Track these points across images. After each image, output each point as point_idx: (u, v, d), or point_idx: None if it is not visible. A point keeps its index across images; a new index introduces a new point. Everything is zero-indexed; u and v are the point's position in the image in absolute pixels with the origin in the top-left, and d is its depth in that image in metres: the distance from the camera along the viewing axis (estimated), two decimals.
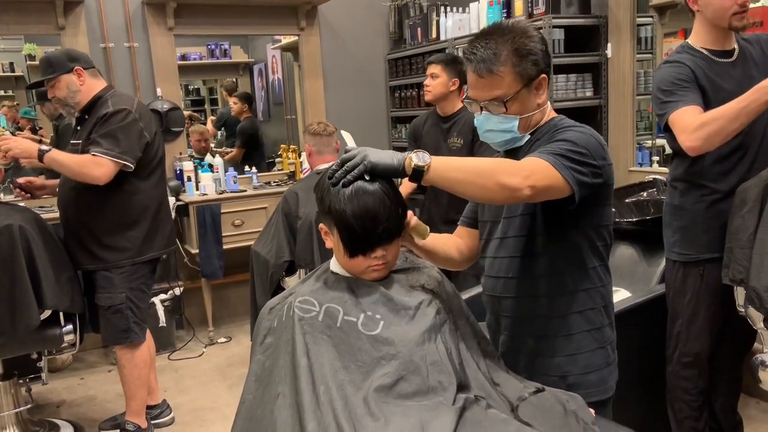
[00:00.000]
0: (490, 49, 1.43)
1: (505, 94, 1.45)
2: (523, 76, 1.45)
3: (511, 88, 1.45)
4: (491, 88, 1.46)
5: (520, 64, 1.43)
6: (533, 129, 1.53)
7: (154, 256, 2.83)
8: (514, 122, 1.48)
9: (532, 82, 1.46)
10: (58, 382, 3.65)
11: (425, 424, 1.14)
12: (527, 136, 1.52)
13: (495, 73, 1.43)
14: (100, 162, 2.57)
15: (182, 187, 4.16)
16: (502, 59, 1.43)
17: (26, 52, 4.78)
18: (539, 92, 1.49)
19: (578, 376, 1.52)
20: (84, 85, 2.69)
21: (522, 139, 1.52)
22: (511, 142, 1.53)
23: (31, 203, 3.21)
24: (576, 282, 1.51)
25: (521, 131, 1.50)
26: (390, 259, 1.35)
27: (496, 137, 1.53)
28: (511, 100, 1.46)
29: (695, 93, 2.02)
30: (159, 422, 3.08)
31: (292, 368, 1.23)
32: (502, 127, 1.49)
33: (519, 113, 1.48)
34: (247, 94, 5.78)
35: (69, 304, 2.62)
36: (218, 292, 4.35)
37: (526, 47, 1.44)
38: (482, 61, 1.43)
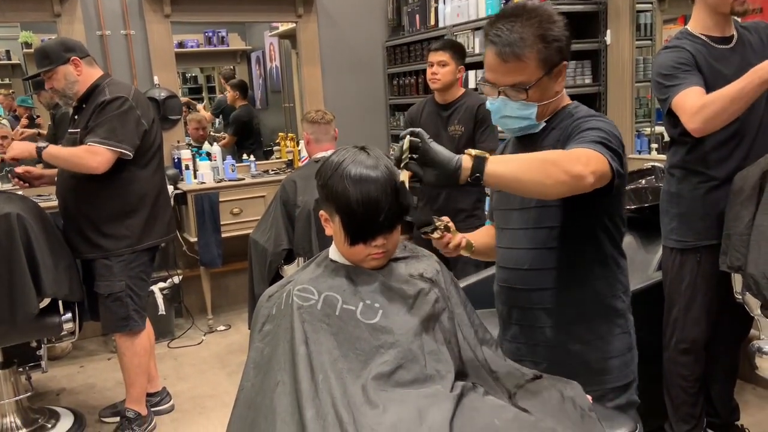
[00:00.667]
0: (516, 33, 1.39)
1: (527, 80, 1.42)
2: (546, 62, 1.41)
3: (534, 74, 1.41)
4: (513, 73, 1.42)
5: (546, 50, 1.40)
6: (549, 116, 1.50)
7: (153, 243, 2.83)
8: (532, 109, 1.45)
9: (554, 69, 1.43)
10: (57, 370, 3.67)
11: (423, 411, 1.15)
12: (543, 123, 1.50)
13: (520, 58, 1.39)
14: (96, 151, 2.56)
15: (180, 176, 4.16)
16: (528, 44, 1.39)
17: (22, 39, 4.74)
18: (559, 80, 1.47)
19: (601, 363, 1.53)
20: (81, 75, 2.68)
21: (537, 127, 1.50)
22: (526, 129, 1.51)
23: (29, 192, 3.21)
24: (595, 271, 1.50)
25: (538, 119, 1.48)
26: (390, 248, 1.35)
27: (512, 123, 1.50)
28: (533, 87, 1.42)
29: (697, 75, 2.02)
30: (159, 409, 3.10)
31: (291, 356, 1.24)
32: (520, 113, 1.46)
33: (538, 100, 1.45)
34: (242, 82, 5.75)
35: (68, 292, 2.62)
36: (217, 280, 4.36)
37: (552, 33, 1.40)
38: (508, 45, 1.39)
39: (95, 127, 2.60)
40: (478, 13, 3.99)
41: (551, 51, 1.41)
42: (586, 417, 1.28)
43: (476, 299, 1.67)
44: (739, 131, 2.08)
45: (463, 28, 4.07)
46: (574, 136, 1.40)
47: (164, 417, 3.08)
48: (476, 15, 4.00)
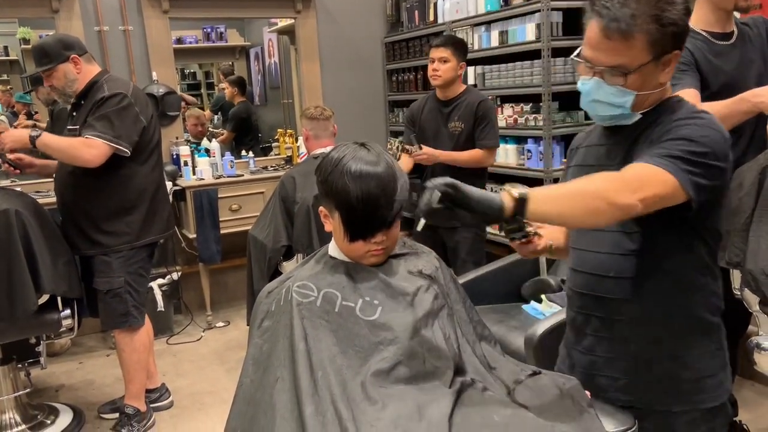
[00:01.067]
0: (628, 8, 1.23)
1: (629, 63, 1.26)
2: (656, 48, 1.25)
3: (639, 58, 1.25)
4: (616, 54, 1.26)
5: (658, 33, 1.23)
6: (646, 109, 1.34)
7: (152, 240, 2.83)
8: (628, 97, 1.29)
9: (664, 56, 1.27)
10: (56, 367, 3.67)
11: (422, 407, 1.15)
12: (638, 115, 1.34)
13: (627, 37, 1.23)
14: (92, 144, 2.55)
15: (179, 172, 4.15)
16: (639, 23, 1.22)
17: (21, 35, 4.74)
18: (666, 70, 1.30)
19: (692, 383, 1.37)
20: (80, 73, 2.67)
21: (631, 118, 1.34)
22: (618, 119, 1.35)
23: (27, 188, 3.20)
24: (689, 282, 1.35)
25: (633, 109, 1.32)
26: (389, 244, 1.35)
27: (602, 110, 1.34)
28: (635, 72, 1.26)
29: (692, 77, 2.02)
30: (158, 406, 3.10)
31: (290, 353, 1.24)
32: (614, 100, 1.30)
33: (638, 89, 1.29)
34: (240, 78, 5.76)
35: (66, 289, 2.62)
36: (216, 276, 4.36)
37: (669, 16, 1.24)
38: (615, 20, 1.23)
39: (92, 122, 2.59)
40: (477, 9, 3.98)
41: (665, 35, 1.24)
42: (585, 412, 1.28)
43: (475, 296, 1.68)
44: (736, 128, 2.08)
45: (463, 24, 4.07)
46: (656, 143, 1.26)
47: (163, 413, 3.09)
48: (475, 11, 4.00)
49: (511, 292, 2.81)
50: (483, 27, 3.92)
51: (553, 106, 3.54)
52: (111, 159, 2.62)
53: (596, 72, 1.31)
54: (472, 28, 4.00)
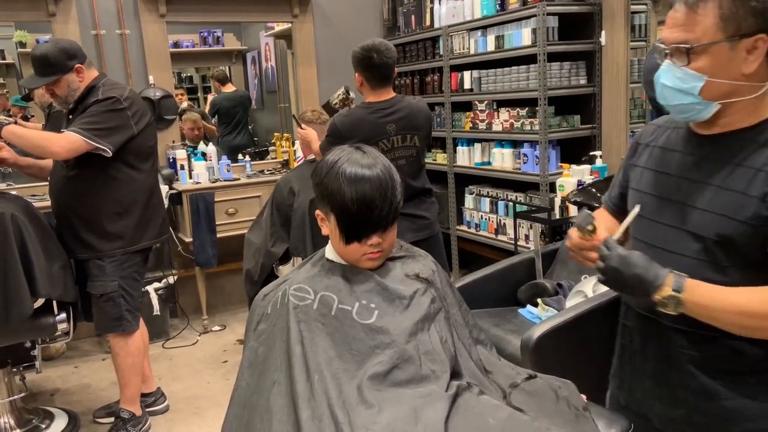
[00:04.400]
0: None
1: (695, 39, 1.10)
2: (730, 24, 1.08)
3: (706, 35, 1.10)
4: (681, 29, 1.12)
5: (733, 7, 1.07)
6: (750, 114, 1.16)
7: (146, 245, 2.82)
8: (696, 83, 1.13)
9: (743, 38, 1.09)
10: (52, 371, 3.66)
11: (418, 410, 1.15)
12: (715, 105, 1.16)
13: (693, 8, 1.10)
14: (66, 137, 2.52)
15: (175, 176, 4.15)
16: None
17: (17, 39, 4.73)
18: (751, 57, 1.10)
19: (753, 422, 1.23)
20: (83, 81, 2.67)
21: (707, 109, 1.16)
22: (691, 111, 1.18)
23: (23, 192, 3.19)
24: None
25: (707, 98, 1.14)
26: (386, 247, 1.35)
27: (671, 98, 1.18)
28: (699, 50, 1.11)
29: None
30: (153, 410, 3.09)
31: (286, 356, 1.24)
32: (680, 85, 1.15)
33: (707, 73, 1.12)
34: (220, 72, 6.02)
35: (62, 293, 2.62)
36: (212, 280, 4.35)
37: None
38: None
39: (77, 121, 2.57)
40: (473, 14, 4.00)
41: (742, 11, 1.07)
42: (581, 416, 1.28)
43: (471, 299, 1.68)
44: None
45: (459, 28, 4.08)
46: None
47: (159, 417, 3.08)
48: (471, 16, 4.01)
49: (508, 296, 2.81)
50: (479, 32, 3.94)
51: (549, 110, 3.56)
52: (105, 163, 2.62)
53: (667, 54, 1.17)
54: (468, 32, 4.01)
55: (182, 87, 6.16)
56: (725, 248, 1.17)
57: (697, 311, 1.14)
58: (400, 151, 2.77)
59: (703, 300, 1.13)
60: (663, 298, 1.14)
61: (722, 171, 1.18)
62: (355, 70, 2.75)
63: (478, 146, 4.15)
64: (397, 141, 2.75)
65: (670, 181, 1.25)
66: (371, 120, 2.70)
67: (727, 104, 1.16)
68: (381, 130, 2.70)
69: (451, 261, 4.38)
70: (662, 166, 1.29)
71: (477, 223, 4.26)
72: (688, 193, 1.22)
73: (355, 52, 2.72)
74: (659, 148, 1.33)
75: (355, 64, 2.74)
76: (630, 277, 1.16)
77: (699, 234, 1.19)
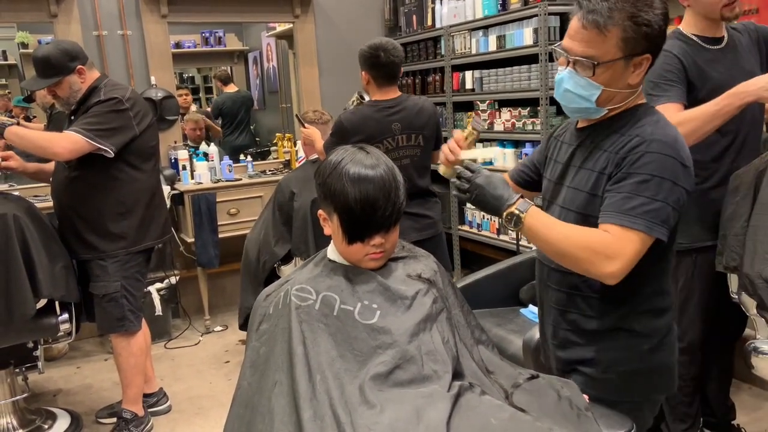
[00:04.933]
0: (606, 2, 1.28)
1: (600, 56, 1.31)
2: (628, 46, 1.30)
3: (610, 53, 1.30)
4: (589, 45, 1.31)
5: (632, 32, 1.28)
6: (615, 110, 1.40)
7: (148, 245, 2.82)
8: (595, 91, 1.35)
9: (634, 57, 1.32)
10: (54, 371, 3.66)
11: (420, 410, 1.15)
12: (604, 110, 1.39)
13: (601, 29, 1.29)
14: (68, 137, 2.52)
15: (177, 176, 4.15)
16: (615, 19, 1.27)
17: (19, 40, 4.74)
18: (636, 72, 1.34)
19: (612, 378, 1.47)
20: (84, 82, 2.67)
21: (598, 113, 1.40)
22: (584, 113, 1.42)
23: (25, 192, 3.20)
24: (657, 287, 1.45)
25: (600, 104, 1.37)
26: (388, 248, 1.35)
27: (570, 101, 1.40)
28: (603, 66, 1.31)
29: (679, 88, 2.03)
30: (156, 410, 3.09)
31: (288, 356, 1.24)
32: (582, 92, 1.36)
33: (605, 84, 1.34)
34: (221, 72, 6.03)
35: (64, 293, 2.62)
36: (214, 280, 4.36)
37: (645, 17, 1.28)
38: (592, 12, 1.29)
39: (79, 121, 2.58)
40: (475, 14, 4.00)
41: (637, 35, 1.28)
42: (583, 416, 1.28)
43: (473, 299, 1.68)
44: (730, 133, 2.09)
45: (460, 28, 4.08)
46: (620, 182, 1.31)
47: (161, 418, 3.08)
48: (473, 16, 4.01)
49: (509, 296, 2.81)
50: (480, 31, 3.94)
51: (550, 110, 3.55)
52: (107, 163, 2.62)
53: (570, 62, 1.36)
54: (470, 32, 4.01)
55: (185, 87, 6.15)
56: (583, 217, 1.40)
57: (529, 234, 1.36)
58: (404, 150, 2.76)
59: (536, 225, 1.34)
60: (507, 214, 1.35)
61: (585, 154, 1.43)
62: (361, 68, 2.76)
63: (480, 146, 4.15)
64: (402, 140, 2.76)
65: (558, 167, 1.52)
66: (377, 118, 2.71)
67: None
68: (386, 129, 2.71)
69: (453, 261, 4.38)
70: (557, 156, 1.56)
71: (479, 222, 4.26)
72: (564, 175, 1.49)
73: (362, 50, 2.74)
74: (560, 141, 1.58)
75: (361, 62, 2.75)
76: (491, 194, 1.37)
77: (568, 208, 1.45)
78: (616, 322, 1.45)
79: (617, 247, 1.28)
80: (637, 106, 1.41)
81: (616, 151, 1.35)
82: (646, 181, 1.29)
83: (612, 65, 1.31)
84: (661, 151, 1.31)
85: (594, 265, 1.29)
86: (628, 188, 1.30)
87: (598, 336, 1.47)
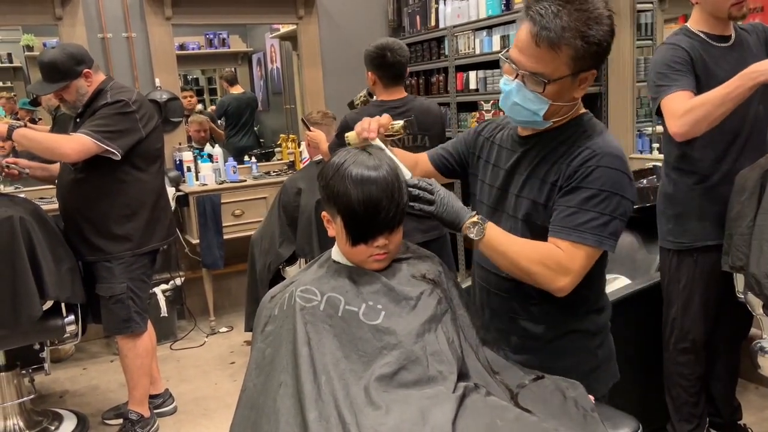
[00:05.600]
0: (559, 20, 1.25)
1: (551, 73, 1.30)
2: (577, 63, 1.30)
3: (560, 70, 1.30)
4: (541, 62, 1.30)
5: (582, 50, 1.28)
6: (559, 122, 1.42)
7: (154, 247, 2.83)
8: (543, 105, 1.35)
9: (581, 73, 1.33)
10: (60, 373, 3.67)
11: (425, 411, 1.15)
12: (549, 123, 1.41)
13: (554, 48, 1.27)
14: (76, 139, 2.53)
15: (182, 178, 4.16)
16: (567, 37, 1.26)
17: (24, 42, 4.76)
18: (581, 87, 1.36)
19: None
20: (91, 85, 2.68)
21: (543, 125, 1.41)
22: (531, 124, 1.42)
23: (31, 194, 3.21)
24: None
25: (546, 118, 1.39)
26: (392, 248, 1.35)
27: (518, 114, 1.40)
28: (553, 83, 1.31)
29: (689, 77, 2.03)
30: (161, 411, 3.10)
31: (293, 357, 1.24)
32: (530, 106, 1.36)
33: (553, 99, 1.34)
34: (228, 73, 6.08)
35: (70, 295, 2.63)
36: (219, 282, 4.36)
37: (596, 36, 1.27)
38: (547, 29, 1.26)
39: (86, 122, 2.58)
40: (479, 14, 3.99)
41: (587, 54, 1.28)
42: (589, 417, 1.28)
43: None
44: (732, 131, 2.09)
45: (464, 28, 4.08)
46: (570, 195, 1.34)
47: (167, 419, 3.09)
48: (477, 16, 4.01)
49: None
50: (484, 31, 3.93)
51: None
52: (113, 165, 2.62)
53: (519, 75, 1.35)
54: (474, 32, 4.01)
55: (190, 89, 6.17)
56: (529, 225, 1.44)
57: (486, 245, 1.37)
58: (410, 151, 2.74)
59: (495, 235, 1.37)
60: (471, 223, 1.36)
61: (533, 164, 1.44)
62: (367, 68, 2.77)
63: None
64: (408, 141, 2.75)
65: (500, 173, 1.51)
66: None
67: None
68: None
69: (458, 261, 4.38)
70: (497, 161, 1.55)
71: None
72: (509, 183, 1.49)
73: (368, 50, 2.74)
74: (497, 145, 1.57)
75: (367, 62, 2.75)
76: (452, 205, 1.37)
77: (517, 216, 1.46)
78: (569, 326, 1.50)
79: (568, 262, 1.33)
80: (581, 116, 1.44)
81: (568, 163, 1.37)
82: (595, 196, 1.32)
83: (561, 81, 1.32)
84: (611, 165, 1.33)
85: (546, 278, 1.34)
86: (578, 202, 1.34)
87: (553, 342, 1.51)
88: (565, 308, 1.46)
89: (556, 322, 1.49)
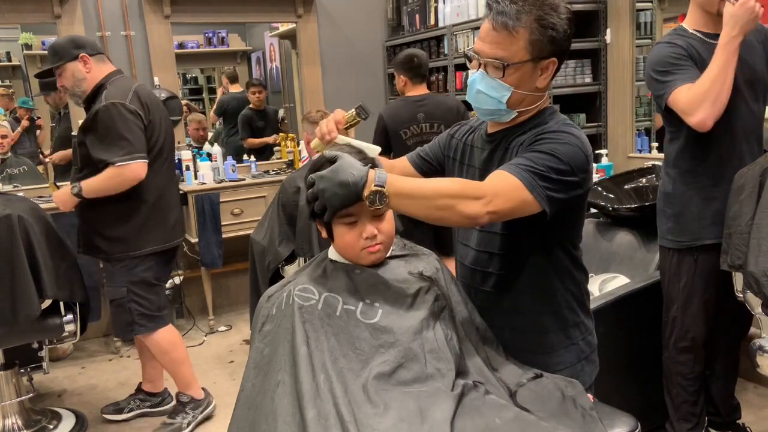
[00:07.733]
0: (515, 5, 1.32)
1: (509, 57, 1.34)
2: (535, 48, 1.33)
3: (518, 55, 1.34)
4: (498, 46, 1.34)
5: (538, 34, 1.32)
6: (524, 115, 1.44)
7: (154, 249, 2.72)
8: (505, 93, 1.38)
9: (542, 60, 1.36)
10: (59, 371, 3.67)
11: (424, 410, 1.15)
12: (514, 113, 1.42)
13: (509, 31, 1.32)
14: (129, 169, 2.53)
15: (181, 176, 4.15)
16: (523, 21, 1.31)
17: (23, 41, 4.75)
18: (543, 75, 1.39)
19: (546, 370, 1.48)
20: (90, 73, 2.62)
21: (508, 115, 1.43)
22: (496, 114, 1.43)
23: (30, 193, 3.20)
24: (547, 284, 1.47)
25: (510, 106, 1.40)
26: (384, 239, 1.35)
27: (482, 101, 1.42)
28: (512, 67, 1.34)
29: (691, 69, 2.03)
30: (161, 410, 3.10)
31: (291, 356, 1.24)
32: (493, 93, 1.39)
33: (514, 86, 1.37)
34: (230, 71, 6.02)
35: (69, 294, 2.63)
36: (218, 280, 4.36)
37: (550, 20, 1.32)
38: (501, 14, 1.32)
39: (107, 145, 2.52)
40: (478, 13, 3.99)
41: (544, 38, 1.33)
42: (588, 416, 1.28)
43: None
44: (729, 130, 2.09)
45: (463, 27, 4.08)
46: (524, 151, 1.36)
47: (166, 418, 3.08)
48: (476, 14, 4.01)
49: None
50: None
51: None
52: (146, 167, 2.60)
53: (482, 64, 1.39)
54: (473, 31, 4.00)
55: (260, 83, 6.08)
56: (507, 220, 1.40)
57: (397, 203, 1.25)
58: (426, 136, 3.32)
59: (404, 190, 1.25)
60: (370, 194, 1.21)
61: (500, 157, 1.45)
62: (397, 72, 3.42)
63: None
64: (426, 127, 3.38)
65: (475, 172, 1.52)
66: (406, 108, 3.39)
67: None
68: (413, 116, 3.37)
69: None
70: (470, 160, 1.56)
71: None
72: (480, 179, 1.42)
73: (398, 59, 3.45)
74: (469, 145, 1.58)
75: (398, 67, 3.41)
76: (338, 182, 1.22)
77: None
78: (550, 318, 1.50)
79: (489, 187, 1.28)
80: (544, 109, 1.45)
81: (528, 144, 1.38)
82: (543, 152, 1.31)
83: (521, 67, 1.35)
84: (560, 138, 1.34)
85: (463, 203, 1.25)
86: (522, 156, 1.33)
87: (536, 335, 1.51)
88: (545, 299, 1.47)
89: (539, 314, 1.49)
